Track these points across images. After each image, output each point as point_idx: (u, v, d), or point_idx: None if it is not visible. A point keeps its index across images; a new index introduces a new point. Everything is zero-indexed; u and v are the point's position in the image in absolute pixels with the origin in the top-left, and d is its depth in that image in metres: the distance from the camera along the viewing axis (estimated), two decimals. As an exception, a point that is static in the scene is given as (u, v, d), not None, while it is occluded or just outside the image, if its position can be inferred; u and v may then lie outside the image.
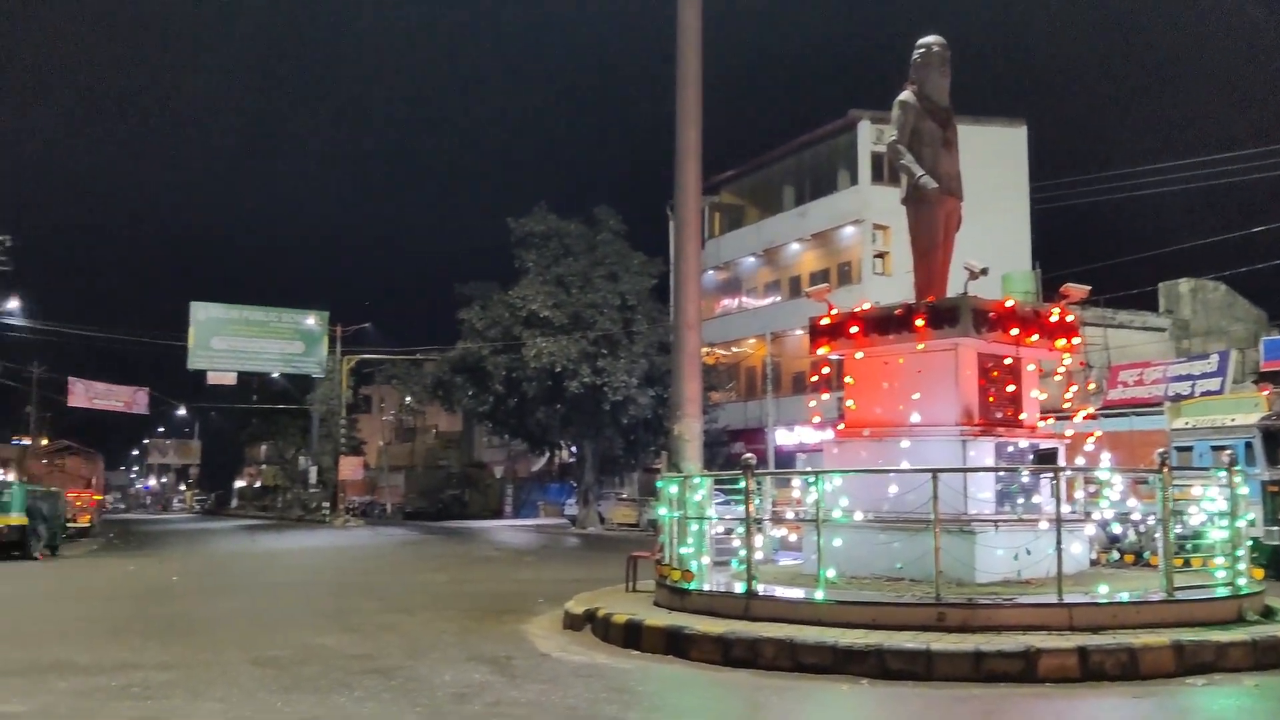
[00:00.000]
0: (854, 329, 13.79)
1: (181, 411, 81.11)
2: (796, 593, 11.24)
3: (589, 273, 41.39)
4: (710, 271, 46.25)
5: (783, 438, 40.97)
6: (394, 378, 49.58)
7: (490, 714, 7.99)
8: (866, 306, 14.28)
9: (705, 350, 40.41)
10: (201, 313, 49.09)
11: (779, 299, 46.83)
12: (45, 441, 62.71)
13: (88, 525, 39.94)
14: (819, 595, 10.55)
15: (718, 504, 13.42)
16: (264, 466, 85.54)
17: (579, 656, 10.61)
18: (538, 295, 40.25)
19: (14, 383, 51.53)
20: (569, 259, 42.14)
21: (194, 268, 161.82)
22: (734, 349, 47.28)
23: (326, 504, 49.60)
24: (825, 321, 14.29)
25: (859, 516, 11.76)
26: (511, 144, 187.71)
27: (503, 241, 43.66)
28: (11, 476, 46.40)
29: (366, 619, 13.79)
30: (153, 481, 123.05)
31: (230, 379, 51.04)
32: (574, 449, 46.25)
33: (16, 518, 27.65)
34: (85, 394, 45.58)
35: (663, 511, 12.92)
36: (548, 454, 50.54)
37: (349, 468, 49.50)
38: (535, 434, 45.95)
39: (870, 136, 41.72)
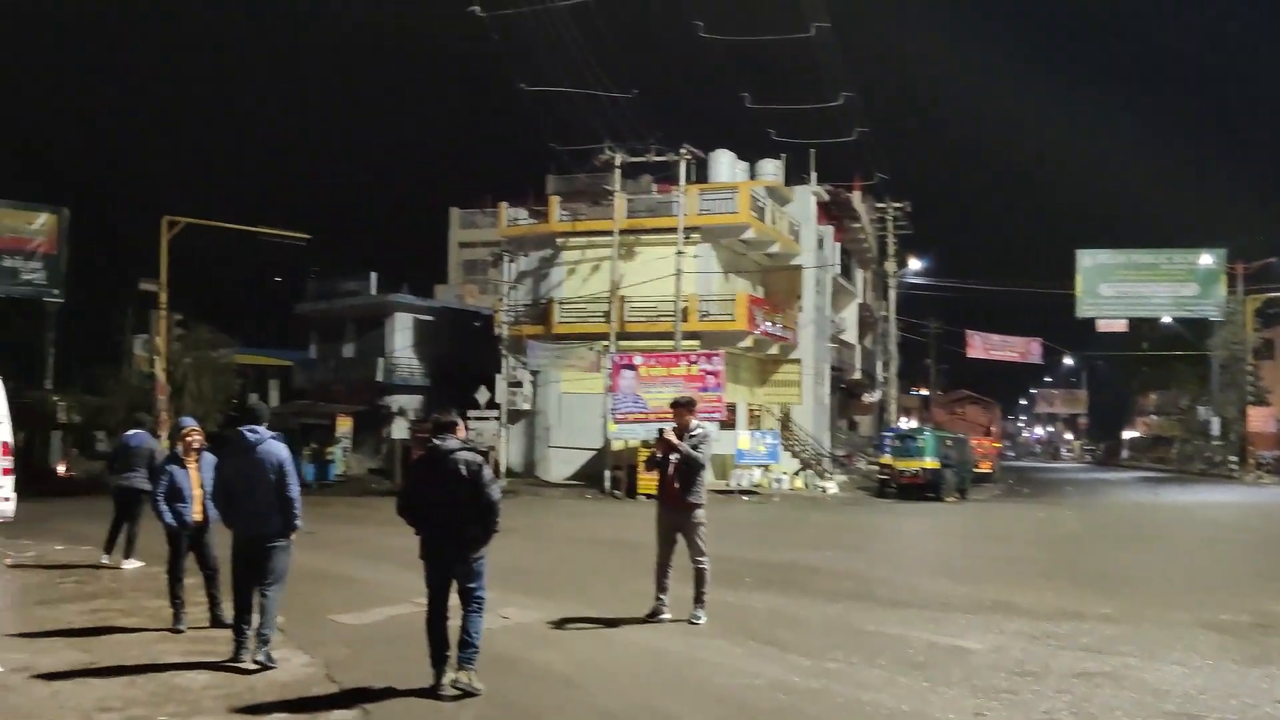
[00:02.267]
0: None
1: (1068, 361, 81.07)
2: None
3: None
4: None
5: None
6: (1313, 316, 43.23)
7: None
8: None
9: None
10: (1088, 259, 48.05)
11: None
12: (939, 392, 67.26)
13: (988, 471, 41.66)
14: None
15: None
16: (1154, 416, 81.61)
17: None
18: None
19: (915, 336, 56.03)
20: None
21: (1080, 214, 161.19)
22: None
23: (1233, 458, 45.29)
24: None
25: None
26: None
27: None
28: (914, 423, 50.55)
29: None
30: (1039, 430, 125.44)
31: (1120, 325, 49.20)
32: None
33: (930, 462, 29.71)
34: (982, 345, 47.62)
35: None
36: None
37: (1258, 419, 44.58)
38: None
39: None
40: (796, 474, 33.25)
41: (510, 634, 8.63)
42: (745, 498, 28.33)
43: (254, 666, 7.52)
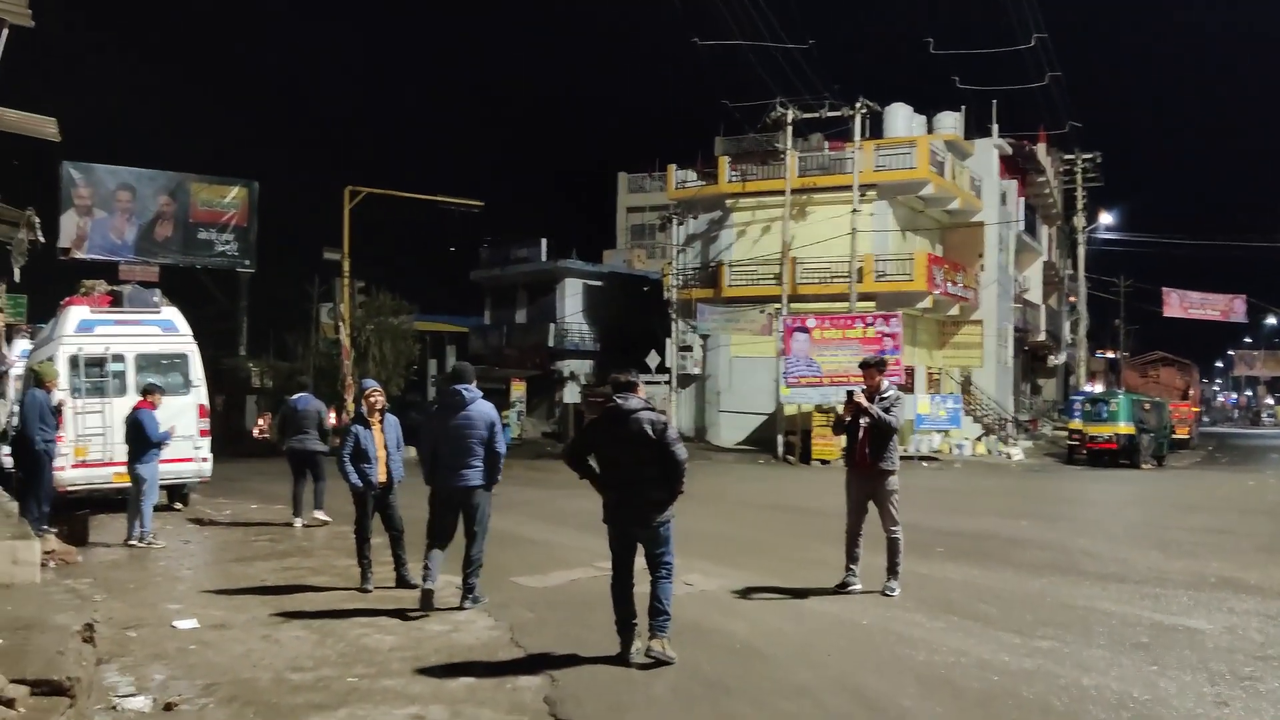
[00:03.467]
0: None
1: (1270, 320, 75.69)
2: None
3: None
4: None
5: None
6: None
7: None
8: None
9: None
10: (1298, 210, 44.51)
11: None
12: (1125, 354, 63.52)
13: (1185, 437, 39.25)
14: None
15: None
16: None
17: None
18: None
19: (1104, 295, 52.99)
20: None
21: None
22: None
23: None
24: None
25: None
26: None
27: None
28: (1100, 387, 47.92)
29: None
30: (1235, 395, 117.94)
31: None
32: None
33: (1124, 427, 28.08)
34: (1180, 304, 44.49)
35: None
36: None
37: None
38: None
39: None
40: (979, 440, 32.00)
41: (696, 602, 8.34)
42: (925, 464, 27.39)
43: (439, 626, 7.50)
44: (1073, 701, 5.73)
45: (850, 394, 8.76)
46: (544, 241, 41.95)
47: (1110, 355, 63.98)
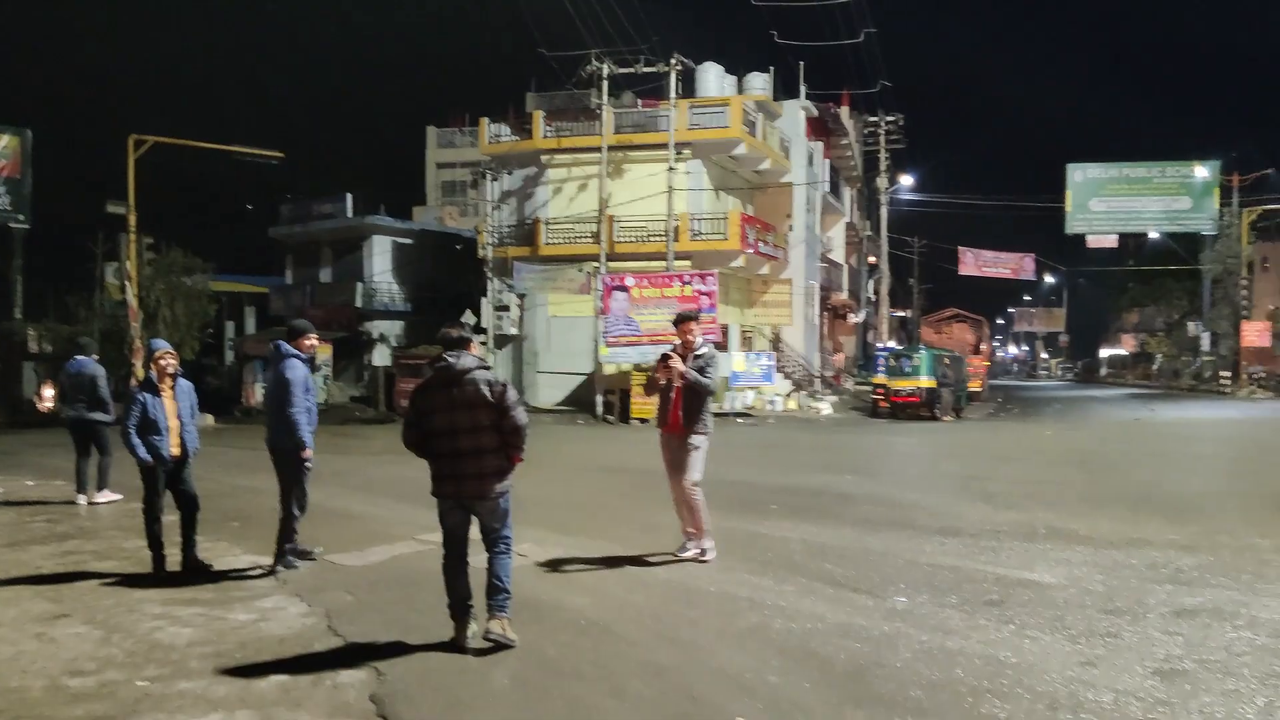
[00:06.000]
0: None
1: (1048, 279, 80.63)
2: None
3: None
4: None
5: None
6: (1304, 230, 42.38)
7: None
8: None
9: None
10: (1079, 174, 47.11)
11: None
12: (917, 312, 66.35)
13: (978, 390, 41.11)
14: None
15: None
16: (1138, 334, 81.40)
17: None
18: None
19: (900, 253, 54.88)
20: None
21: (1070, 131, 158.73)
22: None
23: (1225, 374, 44.80)
24: None
25: None
26: None
27: None
28: (894, 344, 49.73)
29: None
30: (1013, 349, 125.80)
31: (1110, 241, 48.47)
32: None
33: (926, 381, 29.02)
34: (974, 262, 46.52)
35: None
36: None
37: (1252, 334, 43.94)
38: None
39: None
40: (789, 395, 32.53)
41: (531, 575, 7.75)
42: (740, 420, 27.58)
43: (244, 615, 6.67)
44: (942, 669, 5.44)
45: (665, 355, 8.22)
46: (349, 197, 40.04)
47: (902, 314, 66.72)
